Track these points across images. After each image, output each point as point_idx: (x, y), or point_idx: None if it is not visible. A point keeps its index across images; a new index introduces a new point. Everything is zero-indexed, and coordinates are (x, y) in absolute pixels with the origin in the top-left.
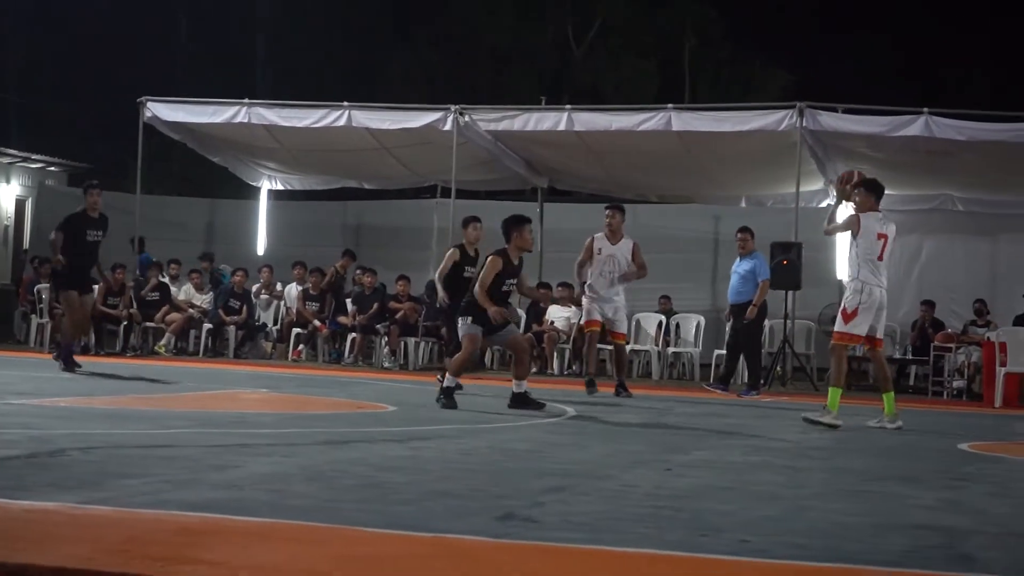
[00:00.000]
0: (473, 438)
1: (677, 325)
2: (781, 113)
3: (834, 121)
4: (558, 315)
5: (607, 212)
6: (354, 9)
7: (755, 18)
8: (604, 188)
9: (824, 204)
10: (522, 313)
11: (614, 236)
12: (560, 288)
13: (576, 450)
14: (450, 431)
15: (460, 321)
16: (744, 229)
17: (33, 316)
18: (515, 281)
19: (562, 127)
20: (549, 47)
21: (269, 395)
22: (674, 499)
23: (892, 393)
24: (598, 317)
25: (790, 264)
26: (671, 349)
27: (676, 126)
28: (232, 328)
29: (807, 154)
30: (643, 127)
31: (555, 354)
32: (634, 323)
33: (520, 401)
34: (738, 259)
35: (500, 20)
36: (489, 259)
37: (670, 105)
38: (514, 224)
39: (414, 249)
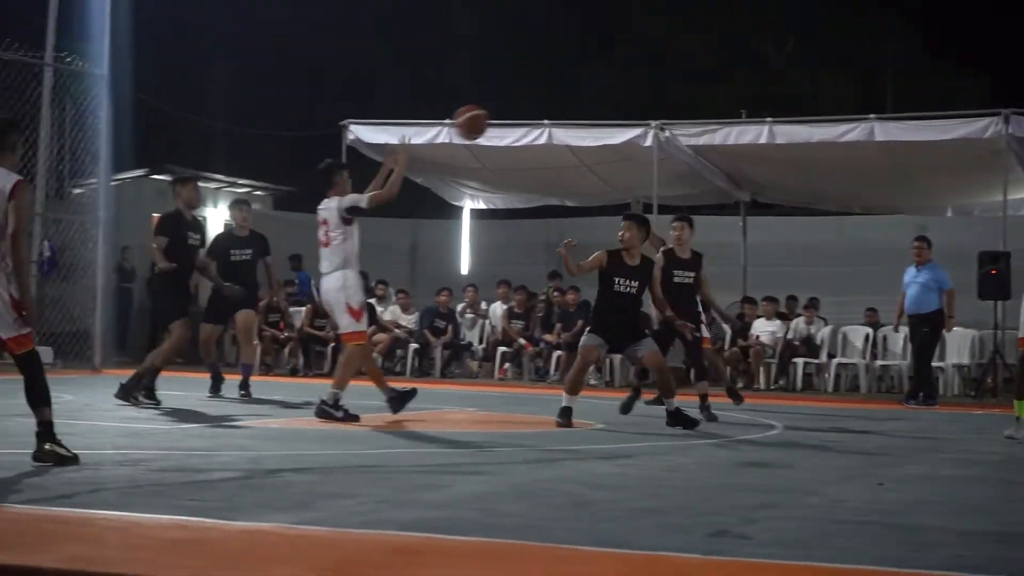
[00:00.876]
0: (680, 455)
1: (884, 338)
2: (985, 120)
3: None
4: (763, 329)
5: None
6: (549, 26)
7: (954, 25)
8: (807, 200)
9: None
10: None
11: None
12: (765, 303)
13: (784, 466)
14: (656, 448)
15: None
16: (921, 238)
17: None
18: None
19: (763, 140)
20: (747, 60)
21: (477, 414)
22: (886, 514)
23: None
24: None
25: (999, 274)
26: (878, 362)
27: (879, 136)
28: (438, 348)
29: (1013, 161)
30: (845, 138)
31: (761, 368)
32: (840, 336)
33: (676, 419)
34: (914, 269)
35: (697, 34)
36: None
37: (872, 115)
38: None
39: None
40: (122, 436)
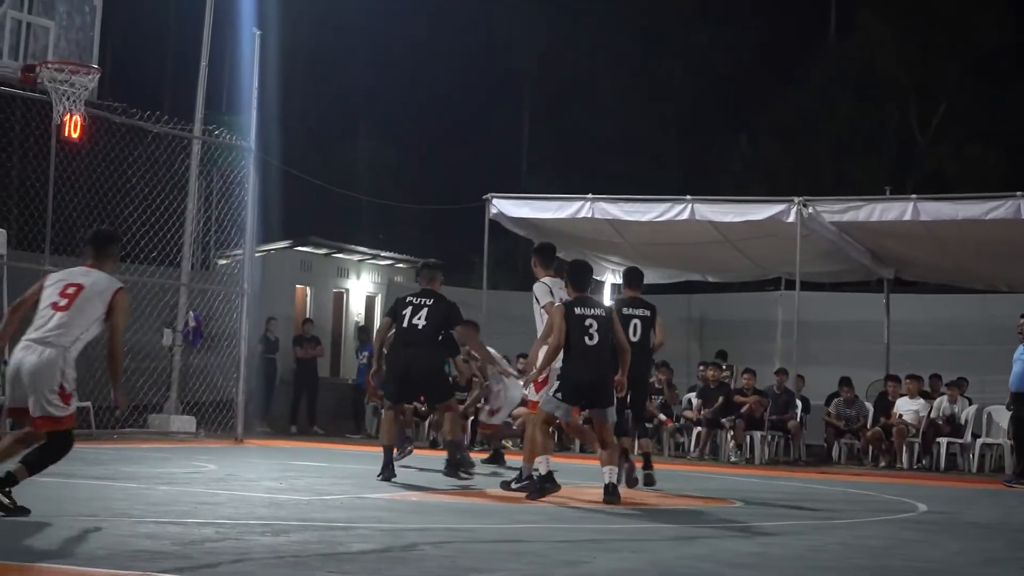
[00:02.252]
0: (822, 534)
1: None
2: None
3: None
4: (906, 407)
5: None
6: (691, 102)
7: None
8: (952, 278)
9: None
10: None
11: None
12: (909, 381)
13: (928, 547)
14: (798, 527)
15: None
16: None
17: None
18: None
19: (907, 217)
20: (891, 135)
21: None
22: None
23: None
24: None
25: None
26: None
27: None
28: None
29: None
30: (991, 215)
31: (904, 447)
32: (985, 416)
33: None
34: (1021, 346)
35: (839, 109)
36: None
37: (1019, 192)
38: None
39: (758, 342)
40: (264, 506)
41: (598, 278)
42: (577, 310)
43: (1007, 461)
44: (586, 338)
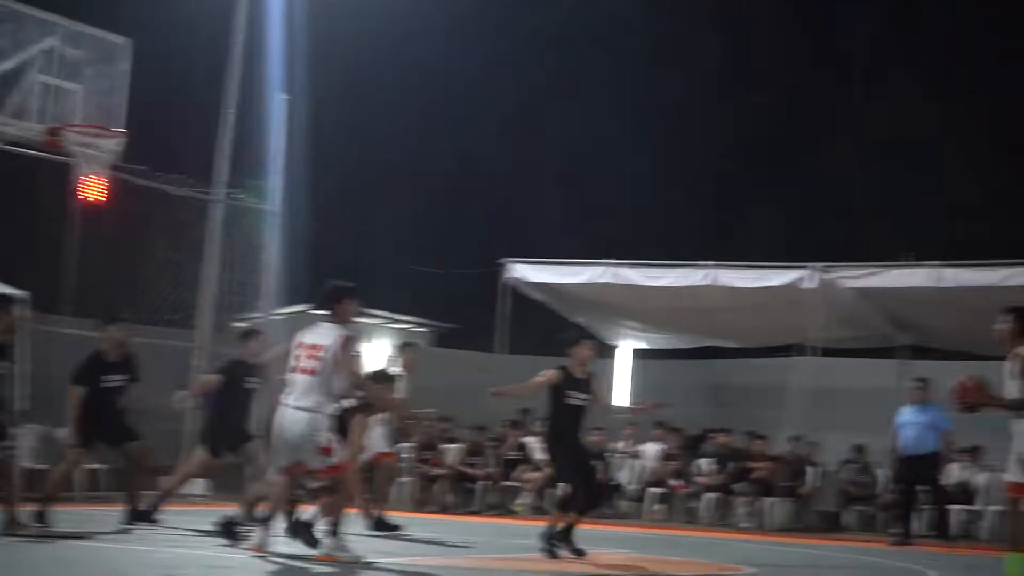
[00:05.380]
0: None
1: None
2: None
3: None
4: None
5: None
6: (708, 162)
7: None
8: (969, 345)
9: None
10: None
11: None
12: None
13: None
14: None
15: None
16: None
17: None
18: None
19: (929, 284)
20: (908, 197)
21: (630, 556)
22: None
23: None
24: None
25: None
26: None
27: None
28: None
29: None
30: (1010, 282)
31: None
32: (999, 482)
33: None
34: (908, 409)
35: (855, 172)
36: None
37: None
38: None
39: (773, 408)
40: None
41: (611, 343)
42: None
43: None
44: None
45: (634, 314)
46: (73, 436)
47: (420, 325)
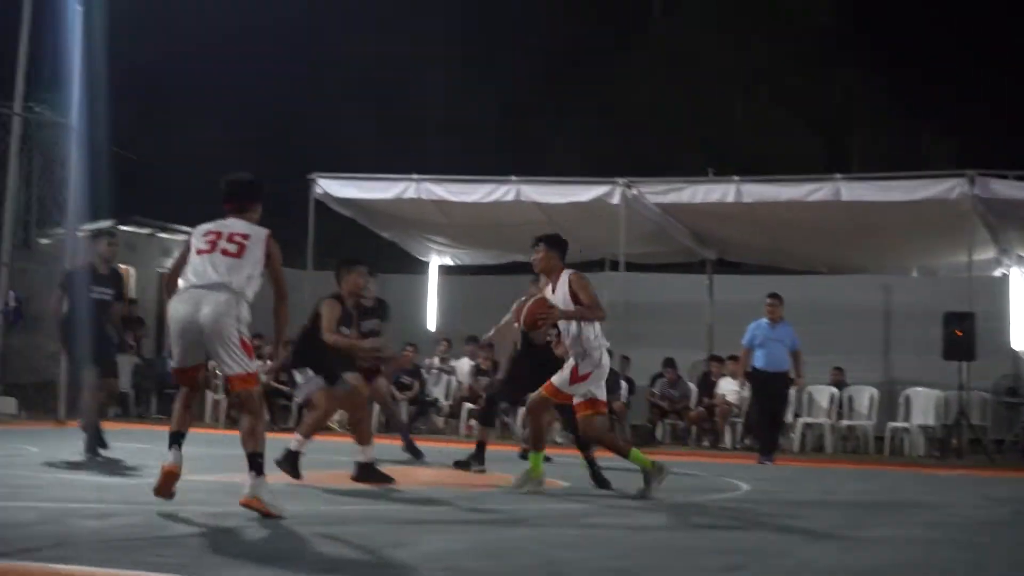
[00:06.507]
0: (646, 515)
1: (850, 398)
2: (951, 181)
3: (1006, 189)
4: (729, 388)
5: None
6: (518, 82)
7: (922, 87)
8: (773, 259)
9: (998, 273)
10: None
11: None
12: (731, 362)
13: (752, 527)
14: (621, 509)
15: (301, 376)
16: (774, 295)
17: (208, 392)
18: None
19: (730, 199)
20: (714, 118)
21: (442, 471)
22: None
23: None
24: None
25: (964, 335)
26: (844, 422)
27: (845, 196)
28: (404, 404)
29: (979, 222)
30: (812, 197)
31: (727, 428)
32: (806, 396)
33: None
34: (766, 325)
35: (664, 92)
36: (326, 303)
37: (838, 175)
38: (342, 266)
39: None
40: (88, 489)
41: (422, 259)
42: None
43: (827, 440)
44: None
45: (441, 230)
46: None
47: None
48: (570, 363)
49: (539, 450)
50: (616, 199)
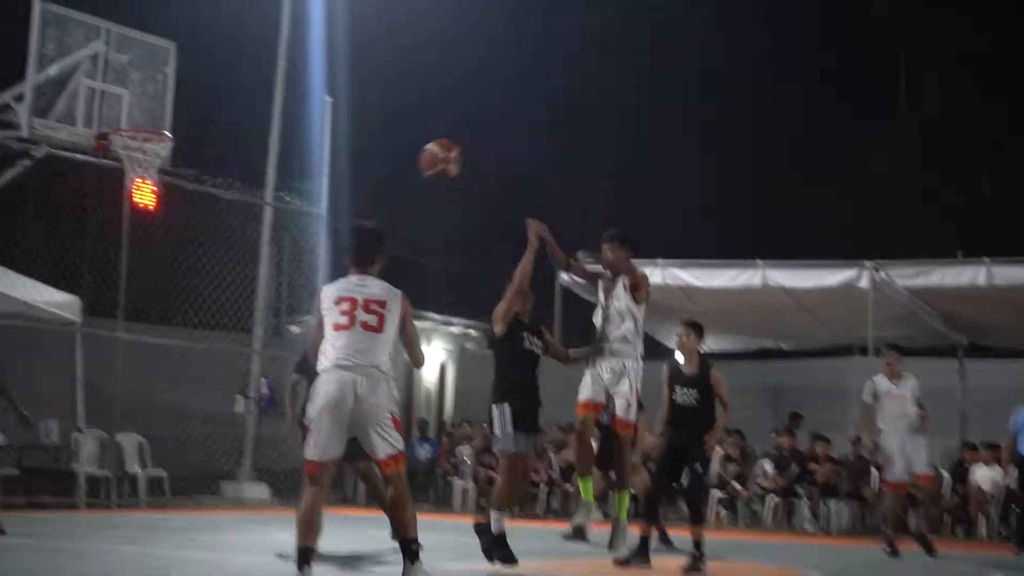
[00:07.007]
0: None
1: None
2: None
3: None
4: (984, 476)
5: None
6: (759, 162)
7: None
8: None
9: None
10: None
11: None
12: (986, 449)
13: None
14: None
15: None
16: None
17: (455, 479)
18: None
19: (981, 282)
20: (963, 197)
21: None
22: None
23: None
24: None
25: None
26: None
27: None
28: None
29: None
30: None
31: (979, 516)
32: None
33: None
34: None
35: (909, 170)
36: None
37: None
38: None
39: (831, 409)
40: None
41: (667, 344)
42: None
43: None
44: None
45: (686, 315)
46: None
47: (473, 328)
48: None
49: None
50: (864, 282)
